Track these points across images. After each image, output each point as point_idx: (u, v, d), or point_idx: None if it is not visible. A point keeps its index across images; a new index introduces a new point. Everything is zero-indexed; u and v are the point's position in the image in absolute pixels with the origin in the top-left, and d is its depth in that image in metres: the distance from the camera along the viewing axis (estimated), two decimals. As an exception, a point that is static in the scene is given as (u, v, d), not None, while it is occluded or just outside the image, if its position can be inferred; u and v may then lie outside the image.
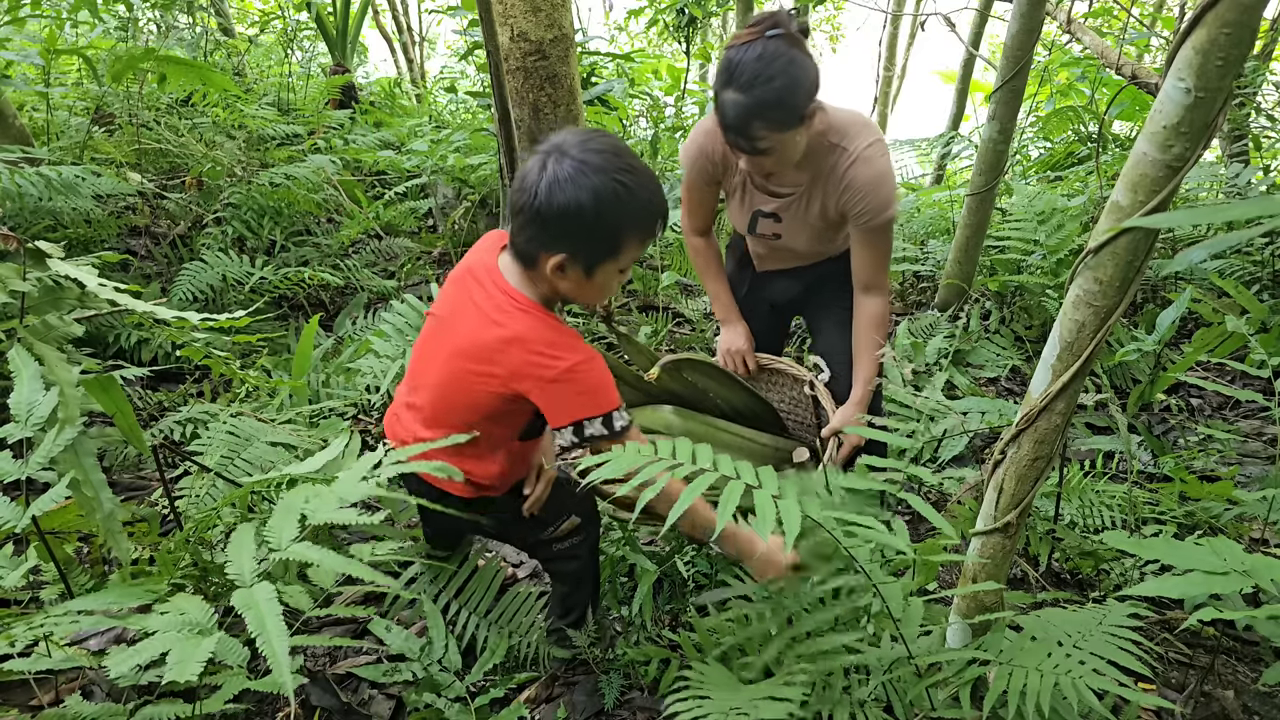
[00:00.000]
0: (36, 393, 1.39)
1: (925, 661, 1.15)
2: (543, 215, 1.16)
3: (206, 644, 0.96)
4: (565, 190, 1.15)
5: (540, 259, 1.21)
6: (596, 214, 1.16)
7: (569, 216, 1.16)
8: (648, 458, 1.05)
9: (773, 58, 1.46)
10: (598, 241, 1.21)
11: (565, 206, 1.15)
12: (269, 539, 1.10)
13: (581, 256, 1.21)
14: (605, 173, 1.16)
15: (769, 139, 1.52)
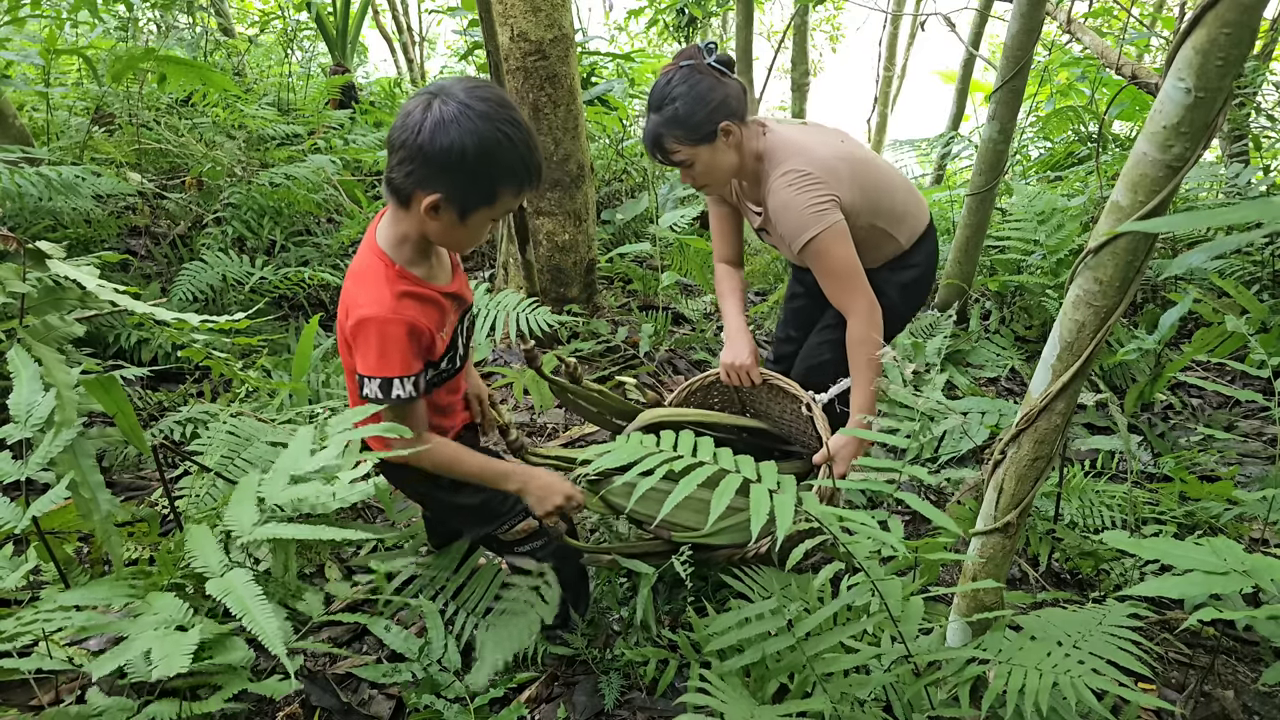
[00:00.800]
0: (36, 394, 1.39)
1: (924, 660, 1.15)
2: (425, 152, 1.16)
3: (188, 638, 0.96)
4: (449, 131, 1.15)
5: (415, 196, 1.21)
6: (478, 157, 1.17)
7: (450, 156, 1.16)
8: (649, 449, 1.05)
9: (677, 83, 1.69)
10: (476, 186, 1.21)
11: (449, 147, 1.16)
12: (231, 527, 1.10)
13: (457, 199, 1.21)
14: (490, 120, 1.17)
15: (680, 152, 1.73)
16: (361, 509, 2.21)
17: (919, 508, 1.18)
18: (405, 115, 1.19)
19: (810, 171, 1.73)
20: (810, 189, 1.72)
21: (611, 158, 4.38)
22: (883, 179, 1.87)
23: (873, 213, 1.84)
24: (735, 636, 1.26)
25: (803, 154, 1.76)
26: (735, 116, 1.72)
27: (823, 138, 1.85)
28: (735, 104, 1.72)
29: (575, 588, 1.67)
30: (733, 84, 1.74)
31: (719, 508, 0.98)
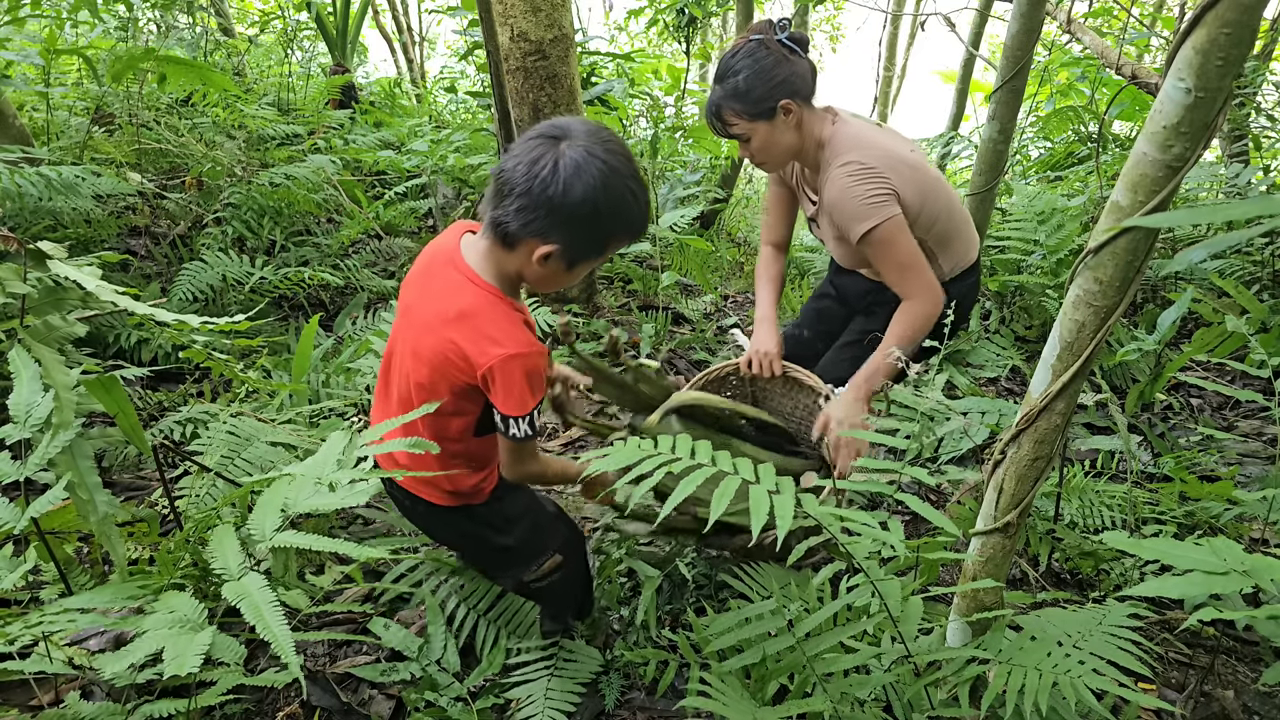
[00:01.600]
0: (35, 394, 1.39)
1: (924, 660, 1.15)
2: (554, 203, 1.11)
3: (202, 637, 0.97)
4: (586, 184, 1.11)
5: (528, 243, 1.16)
6: (608, 214, 1.15)
7: (581, 212, 1.12)
8: (647, 452, 1.05)
9: (742, 56, 1.68)
10: (594, 239, 1.19)
11: (583, 200, 1.11)
12: (253, 533, 1.11)
13: (573, 250, 1.17)
14: (621, 176, 1.14)
15: (737, 125, 1.73)
16: (361, 509, 2.21)
17: (919, 509, 1.18)
18: (531, 161, 1.12)
19: (874, 166, 1.70)
20: (870, 181, 1.69)
21: (611, 158, 4.37)
22: (942, 200, 1.82)
23: (924, 228, 1.80)
24: (735, 637, 1.26)
25: (867, 148, 1.72)
26: (798, 96, 1.70)
27: (893, 140, 1.81)
28: (799, 83, 1.70)
29: (580, 596, 1.67)
30: (801, 63, 1.71)
31: (719, 509, 0.98)
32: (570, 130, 1.14)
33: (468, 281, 1.21)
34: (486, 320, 1.19)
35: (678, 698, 1.55)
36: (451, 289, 1.21)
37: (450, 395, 1.25)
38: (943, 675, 1.14)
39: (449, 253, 1.24)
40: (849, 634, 1.19)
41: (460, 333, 1.19)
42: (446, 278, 1.23)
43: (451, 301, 1.21)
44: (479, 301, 1.20)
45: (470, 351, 1.19)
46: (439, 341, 1.21)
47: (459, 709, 1.54)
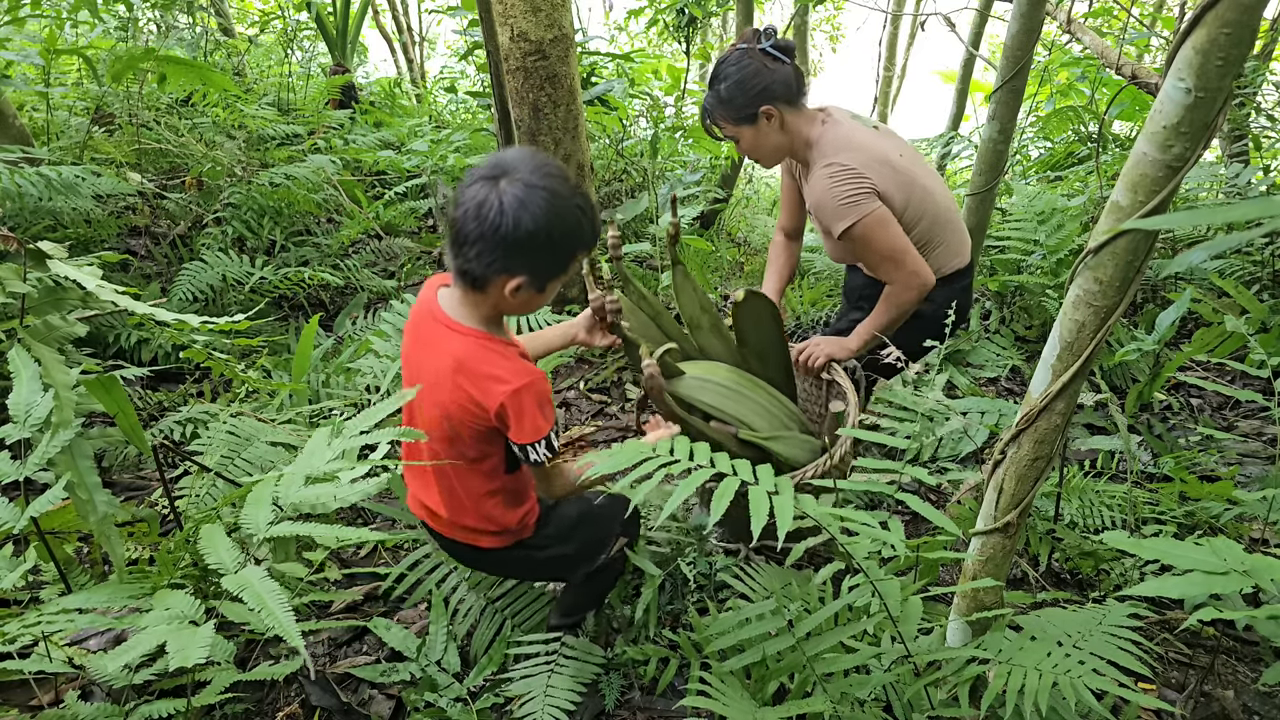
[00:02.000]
0: (35, 394, 1.39)
1: (924, 660, 1.15)
2: (509, 239, 1.16)
3: (204, 631, 0.97)
4: (530, 217, 1.15)
5: (496, 282, 1.20)
6: (562, 236, 1.19)
7: (537, 240, 1.17)
8: (645, 453, 1.05)
9: (729, 64, 1.80)
10: (556, 261, 1.23)
11: (535, 231, 1.16)
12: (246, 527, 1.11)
13: (539, 276, 1.22)
14: (564, 199, 1.18)
15: (726, 129, 1.88)
16: (360, 509, 2.21)
17: (919, 508, 1.18)
18: (477, 205, 1.16)
19: (853, 167, 1.77)
20: (849, 181, 1.76)
21: (611, 158, 4.37)
22: (928, 206, 1.86)
23: (906, 227, 1.84)
24: (735, 637, 1.26)
25: (851, 150, 1.79)
26: (779, 101, 1.80)
27: (882, 141, 1.86)
28: (780, 89, 1.79)
29: (601, 593, 1.69)
30: (784, 69, 1.79)
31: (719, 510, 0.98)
32: (506, 166, 1.18)
33: (454, 333, 1.26)
34: (483, 362, 1.24)
35: (678, 697, 1.55)
36: (442, 343, 1.26)
37: (473, 441, 1.30)
38: (943, 675, 1.14)
39: (429, 310, 1.29)
40: (849, 634, 1.19)
41: (464, 380, 1.24)
42: (434, 334, 1.28)
43: (446, 355, 1.25)
44: (470, 347, 1.25)
45: (478, 395, 1.24)
46: (448, 395, 1.26)
47: (459, 709, 1.54)
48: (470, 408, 1.25)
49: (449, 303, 1.28)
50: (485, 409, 1.24)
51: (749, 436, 1.71)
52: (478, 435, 1.29)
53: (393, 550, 2.04)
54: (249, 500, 1.18)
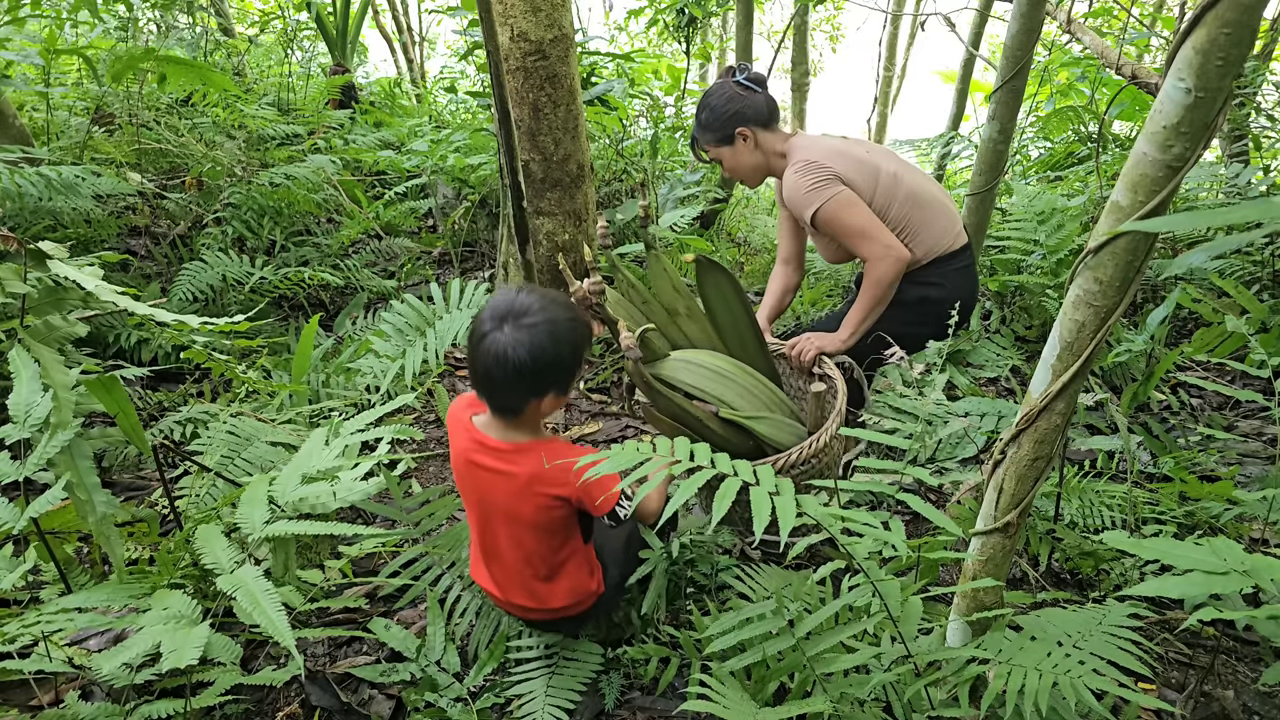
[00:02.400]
0: (35, 394, 1.39)
1: (924, 660, 1.15)
2: (528, 376, 1.33)
3: (199, 631, 0.97)
4: (542, 348, 1.32)
5: (531, 405, 1.39)
6: (570, 351, 1.38)
7: (551, 365, 1.35)
8: (645, 455, 1.05)
9: (711, 94, 2.09)
10: (571, 370, 1.41)
11: (547, 361, 1.33)
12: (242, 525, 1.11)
13: (563, 384, 1.41)
14: (561, 321, 1.36)
15: (709, 151, 2.13)
16: (361, 511, 2.21)
17: (920, 508, 1.18)
18: (495, 358, 1.32)
19: (815, 159, 1.97)
20: (811, 172, 1.97)
21: (611, 158, 4.38)
22: (898, 187, 2.01)
23: (879, 211, 1.98)
24: (736, 637, 1.26)
25: (814, 149, 2.00)
26: (752, 123, 2.05)
27: (846, 144, 2.06)
28: (752, 113, 2.05)
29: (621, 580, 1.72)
30: (756, 98, 2.05)
31: (721, 510, 0.98)
32: (504, 311, 1.35)
33: (514, 453, 1.42)
34: (555, 454, 1.41)
35: (678, 698, 1.55)
36: (507, 467, 1.43)
37: (562, 528, 1.49)
38: (943, 675, 1.14)
39: (477, 440, 1.45)
40: (849, 634, 1.19)
41: (541, 488, 1.41)
42: (496, 464, 1.44)
43: (516, 476, 1.42)
44: (532, 460, 1.41)
45: (560, 492, 1.42)
46: (530, 507, 1.44)
47: (459, 709, 1.54)
48: (554, 506, 1.43)
49: (493, 429, 1.45)
50: (567, 501, 1.43)
51: (730, 415, 1.78)
52: (565, 523, 1.48)
53: (393, 552, 2.04)
54: (244, 499, 1.18)
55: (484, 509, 1.50)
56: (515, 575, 1.52)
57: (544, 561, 1.50)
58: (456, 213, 4.09)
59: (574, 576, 1.54)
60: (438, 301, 2.72)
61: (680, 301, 1.96)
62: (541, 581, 1.52)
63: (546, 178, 2.96)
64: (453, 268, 4.00)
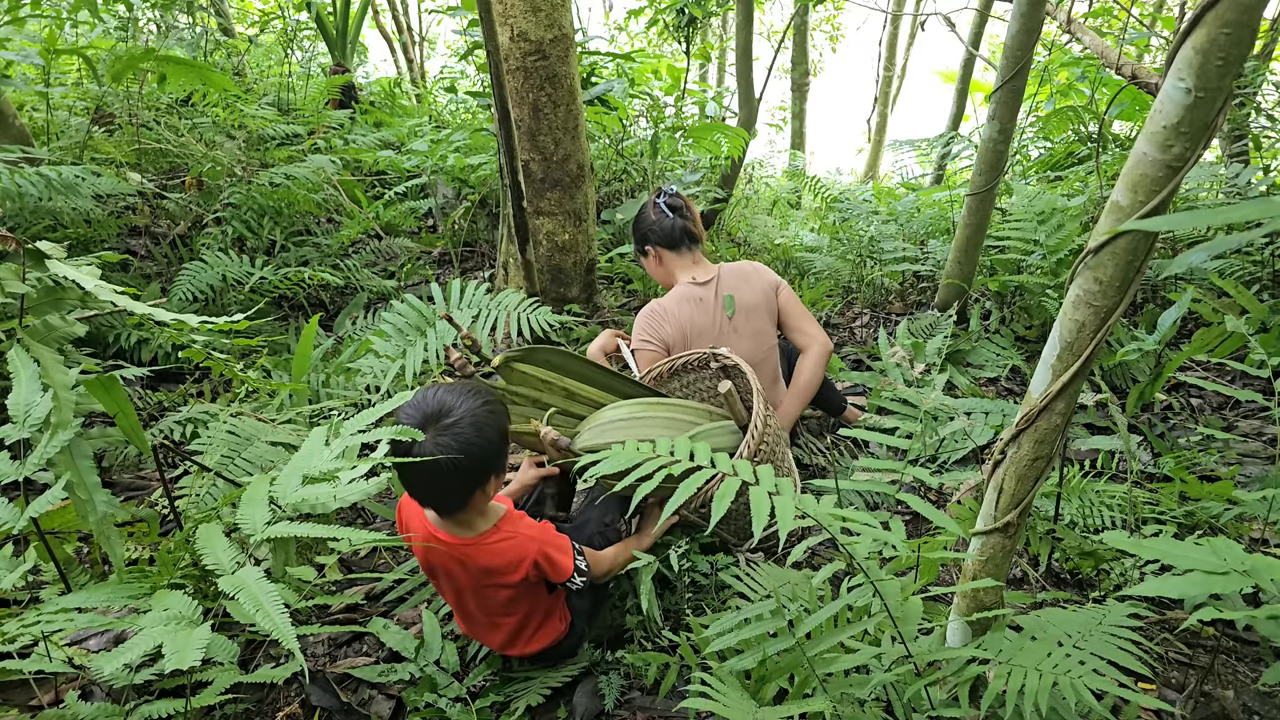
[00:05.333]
0: (34, 394, 1.39)
1: (924, 660, 1.15)
2: (465, 473, 1.36)
3: (200, 632, 0.97)
4: (469, 446, 1.35)
5: (472, 499, 1.42)
6: (496, 437, 1.41)
7: (480, 459, 1.38)
8: (645, 454, 1.05)
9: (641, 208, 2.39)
10: (502, 452, 1.45)
11: (475, 456, 1.36)
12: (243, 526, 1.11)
13: (499, 469, 1.45)
14: (483, 415, 1.39)
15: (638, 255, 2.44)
16: (361, 509, 2.21)
17: (920, 508, 1.18)
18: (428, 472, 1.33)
19: (655, 311, 2.26)
20: (644, 320, 2.26)
21: (611, 158, 4.37)
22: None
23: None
24: (736, 637, 1.26)
25: (664, 302, 2.27)
26: (657, 245, 2.32)
27: (689, 312, 2.25)
28: (657, 236, 2.31)
29: (594, 608, 1.75)
30: (665, 222, 2.29)
31: (720, 510, 0.98)
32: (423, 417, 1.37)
33: (468, 547, 1.47)
34: (502, 552, 1.48)
35: (678, 697, 1.55)
36: (463, 560, 1.48)
37: (529, 595, 1.57)
38: (943, 675, 1.14)
39: (431, 534, 1.49)
40: (849, 634, 1.19)
41: (499, 578, 1.49)
42: (452, 558, 1.49)
43: (471, 569, 1.49)
44: (488, 550, 1.47)
45: (517, 577, 1.50)
46: (498, 590, 1.52)
47: (458, 709, 1.54)
48: (515, 584, 1.51)
49: (449, 528, 1.48)
50: (528, 578, 1.50)
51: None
52: (530, 591, 1.56)
53: (393, 550, 2.04)
54: (245, 500, 1.18)
55: (453, 585, 1.57)
56: (491, 633, 1.61)
57: (516, 623, 1.59)
58: (456, 213, 4.09)
59: (546, 627, 1.63)
60: (438, 301, 2.72)
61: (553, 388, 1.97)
62: (515, 637, 1.61)
63: (546, 178, 2.96)
64: (453, 268, 4.00)
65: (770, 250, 4.54)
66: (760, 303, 2.29)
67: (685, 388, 2.24)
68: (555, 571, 1.52)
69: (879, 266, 3.80)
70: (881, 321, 3.61)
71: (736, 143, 4.21)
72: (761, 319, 2.30)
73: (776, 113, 9.58)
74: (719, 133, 4.16)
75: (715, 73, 10.12)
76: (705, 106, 5.42)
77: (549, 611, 1.63)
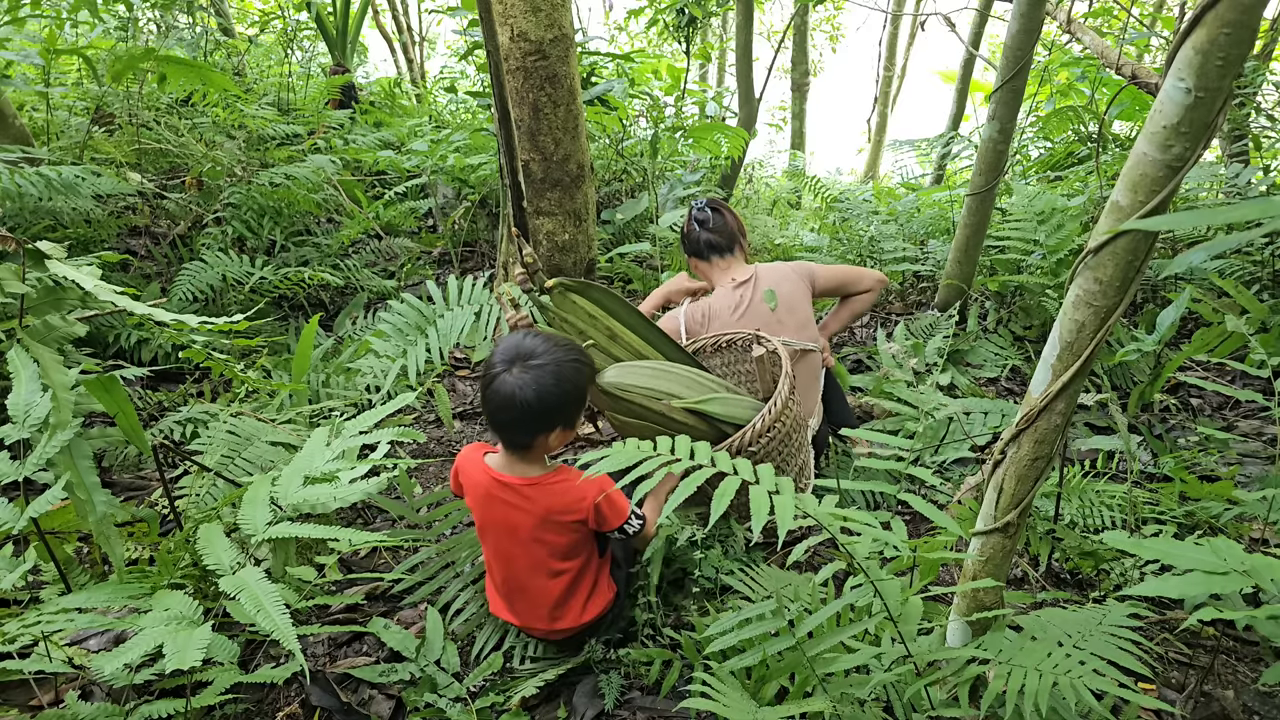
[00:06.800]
0: (34, 394, 1.39)
1: (924, 660, 1.15)
2: (535, 414, 1.45)
3: (201, 632, 0.97)
4: (547, 389, 1.45)
5: (539, 439, 1.50)
6: (573, 389, 1.50)
7: (556, 404, 1.47)
8: (645, 454, 1.05)
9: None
10: (576, 406, 1.53)
11: (552, 400, 1.45)
12: (244, 527, 1.11)
13: (569, 419, 1.52)
14: (565, 362, 1.49)
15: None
16: (361, 509, 2.21)
17: (921, 507, 1.18)
18: (505, 398, 1.44)
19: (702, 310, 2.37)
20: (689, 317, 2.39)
21: (611, 158, 4.37)
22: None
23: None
24: (736, 637, 1.26)
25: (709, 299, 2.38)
26: (688, 254, 2.46)
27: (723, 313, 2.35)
28: (686, 246, 2.46)
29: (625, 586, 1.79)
30: (693, 233, 2.40)
31: (720, 508, 0.98)
32: (513, 354, 1.48)
33: (529, 487, 1.54)
34: (563, 492, 1.53)
35: (679, 697, 1.55)
36: (524, 502, 1.54)
37: (583, 547, 1.62)
38: (943, 675, 1.14)
39: (495, 480, 1.55)
40: (849, 634, 1.19)
41: (560, 516, 1.54)
42: (513, 499, 1.54)
43: (533, 510, 1.53)
44: (546, 493, 1.53)
45: (575, 518, 1.54)
46: (554, 534, 1.55)
47: (458, 709, 1.54)
48: (573, 526, 1.55)
49: (506, 465, 1.55)
50: (584, 521, 1.55)
51: (681, 404, 1.87)
52: (584, 543, 1.61)
53: (393, 549, 2.04)
54: (246, 500, 1.18)
55: (506, 543, 1.59)
56: (540, 602, 1.61)
57: (568, 583, 1.60)
58: (456, 213, 4.09)
59: (597, 592, 1.65)
60: (437, 300, 2.72)
61: (599, 324, 2.04)
62: (566, 603, 1.62)
63: (546, 178, 2.96)
64: (453, 268, 4.00)
65: (770, 250, 4.54)
66: (801, 294, 2.36)
67: (725, 366, 2.32)
68: (614, 513, 1.56)
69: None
70: (881, 321, 3.61)
71: (736, 143, 4.21)
72: (805, 310, 2.36)
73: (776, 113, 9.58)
74: (719, 133, 4.16)
75: (715, 73, 10.12)
76: (705, 106, 5.42)
77: (599, 571, 1.67)
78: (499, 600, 1.68)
